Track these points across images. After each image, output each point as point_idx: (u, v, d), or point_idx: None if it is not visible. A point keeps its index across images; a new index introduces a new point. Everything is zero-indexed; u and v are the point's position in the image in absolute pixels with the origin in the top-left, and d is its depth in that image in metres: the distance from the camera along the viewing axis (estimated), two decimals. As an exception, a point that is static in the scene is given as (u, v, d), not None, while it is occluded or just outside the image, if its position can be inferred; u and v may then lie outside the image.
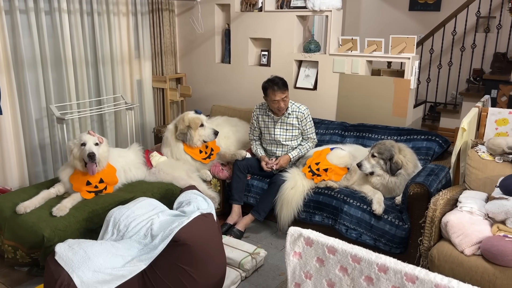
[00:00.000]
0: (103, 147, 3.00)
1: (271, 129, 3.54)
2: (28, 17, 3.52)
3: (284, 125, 3.50)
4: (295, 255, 1.79)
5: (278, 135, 3.52)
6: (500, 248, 2.12)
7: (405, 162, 3.03)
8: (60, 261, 2.16)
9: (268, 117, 3.54)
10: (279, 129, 3.51)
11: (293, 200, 3.21)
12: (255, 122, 3.62)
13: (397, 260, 1.54)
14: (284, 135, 3.52)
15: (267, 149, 3.62)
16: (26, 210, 2.74)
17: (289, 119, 3.48)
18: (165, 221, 2.47)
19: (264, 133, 3.59)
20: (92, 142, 2.93)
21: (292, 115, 3.47)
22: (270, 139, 3.57)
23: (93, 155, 2.87)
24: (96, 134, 3.00)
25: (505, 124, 3.18)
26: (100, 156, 2.96)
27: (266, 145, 3.62)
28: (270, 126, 3.54)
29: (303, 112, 3.48)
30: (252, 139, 3.69)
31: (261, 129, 3.61)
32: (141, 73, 4.61)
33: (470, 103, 4.71)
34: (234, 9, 4.44)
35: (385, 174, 3.05)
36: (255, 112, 3.62)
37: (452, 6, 5.36)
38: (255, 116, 3.61)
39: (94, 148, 2.91)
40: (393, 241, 2.85)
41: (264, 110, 3.56)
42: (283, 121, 3.50)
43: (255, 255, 2.90)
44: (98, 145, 2.95)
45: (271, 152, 3.61)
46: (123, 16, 4.28)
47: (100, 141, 2.98)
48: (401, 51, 3.71)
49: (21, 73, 3.55)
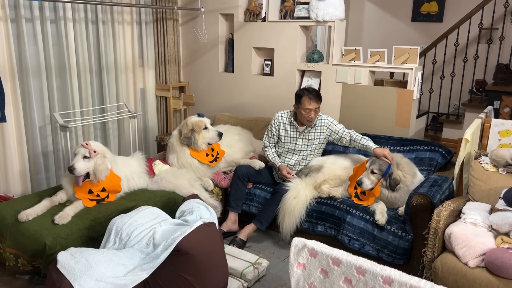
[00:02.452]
0: (97, 160, 2.93)
1: (293, 139, 3.49)
2: (34, 26, 3.55)
3: (307, 135, 3.46)
4: (299, 266, 1.78)
5: (300, 145, 3.48)
6: (505, 261, 2.11)
7: (403, 176, 3.04)
8: (62, 269, 2.16)
9: (291, 126, 3.48)
10: (302, 139, 3.47)
11: (295, 210, 3.19)
12: (275, 129, 3.53)
13: (402, 272, 1.53)
14: (306, 145, 3.48)
15: (281, 156, 3.57)
16: (28, 217, 2.73)
17: (313, 129, 3.44)
18: (167, 230, 2.46)
19: (284, 141, 3.53)
20: (81, 155, 2.88)
21: (317, 124, 3.43)
22: (289, 148, 3.52)
23: (72, 170, 2.84)
24: (91, 145, 2.93)
25: (508, 135, 3.18)
26: (95, 169, 2.92)
27: (282, 152, 3.57)
28: (292, 135, 3.49)
29: (326, 119, 3.44)
30: (268, 146, 3.61)
31: (281, 137, 3.53)
32: (144, 81, 4.63)
33: (472, 114, 4.71)
34: (237, 19, 4.47)
35: (384, 189, 3.06)
36: (276, 119, 3.53)
37: (454, 17, 5.38)
38: (276, 123, 3.52)
39: (80, 162, 2.85)
40: (396, 252, 2.83)
41: (288, 119, 3.50)
42: (307, 131, 3.45)
43: (257, 265, 2.88)
44: (88, 158, 2.89)
45: (283, 160, 3.56)
46: (127, 25, 4.32)
47: (91, 154, 2.90)
48: (404, 62, 3.72)
49: (25, 81, 3.57)
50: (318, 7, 3.89)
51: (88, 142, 2.95)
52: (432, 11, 5.92)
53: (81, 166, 2.86)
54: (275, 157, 3.56)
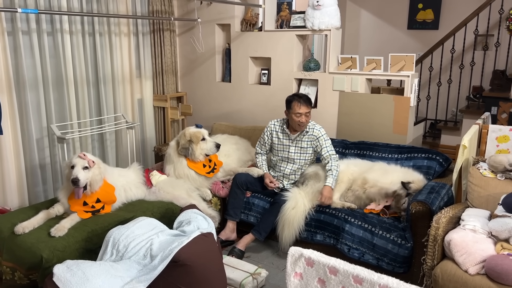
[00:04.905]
0: (94, 170, 2.92)
1: (286, 147, 3.49)
2: (31, 38, 3.56)
3: (300, 143, 3.46)
4: (296, 276, 1.76)
5: (293, 153, 3.48)
6: (505, 267, 2.09)
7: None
8: (58, 282, 2.13)
9: (284, 134, 3.50)
10: (294, 147, 3.47)
11: (294, 220, 3.18)
12: (267, 137, 3.56)
13: (399, 281, 1.51)
14: (299, 153, 3.48)
15: (277, 165, 3.58)
16: (24, 230, 2.71)
17: (305, 137, 3.44)
18: (164, 241, 2.44)
19: (277, 149, 3.54)
20: (80, 166, 2.86)
21: (310, 132, 3.43)
22: (283, 156, 3.53)
23: (77, 181, 2.82)
24: (88, 156, 2.92)
25: (506, 141, 3.17)
26: (92, 180, 2.91)
27: (277, 161, 3.57)
28: (285, 143, 3.50)
29: (319, 130, 3.43)
30: (259, 153, 3.63)
31: (274, 145, 3.55)
32: (142, 92, 4.64)
33: (470, 120, 4.71)
34: (234, 29, 4.49)
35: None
36: (269, 127, 3.55)
37: (450, 25, 5.41)
38: (269, 131, 3.55)
39: (81, 173, 2.84)
40: (396, 260, 2.81)
41: (281, 127, 3.51)
42: (299, 139, 3.45)
43: (256, 276, 2.86)
44: (87, 168, 2.88)
45: (279, 169, 3.56)
46: (124, 36, 4.33)
47: (90, 165, 2.90)
48: (400, 69, 3.73)
49: (22, 93, 3.57)
50: (314, 16, 3.91)
51: (84, 153, 2.95)
52: (427, 19, 5.95)
53: (84, 177, 2.86)
54: (263, 164, 3.59)
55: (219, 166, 3.65)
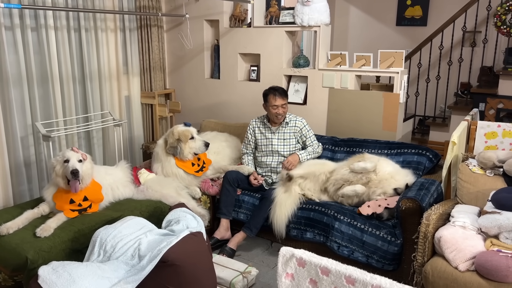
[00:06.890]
0: (86, 164, 2.93)
1: (269, 140, 3.55)
2: (14, 34, 3.47)
3: (282, 135, 3.54)
4: (287, 277, 1.74)
5: (276, 145, 3.53)
6: (494, 263, 2.10)
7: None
8: (43, 284, 2.08)
9: (265, 128, 3.58)
10: (277, 139, 3.54)
11: (287, 202, 3.20)
12: (250, 135, 3.64)
13: (392, 281, 1.50)
14: (282, 145, 3.53)
15: (263, 161, 3.59)
16: (8, 231, 2.65)
17: (287, 129, 3.53)
18: (153, 241, 2.41)
19: (262, 144, 3.59)
20: (75, 158, 2.86)
21: (290, 124, 3.53)
22: (267, 150, 3.57)
23: (77, 172, 2.80)
24: (80, 150, 2.93)
25: (494, 137, 3.19)
26: (84, 173, 2.89)
27: (262, 157, 3.60)
28: (268, 136, 3.57)
29: (301, 121, 3.55)
30: (245, 153, 3.69)
31: (258, 141, 3.60)
32: (129, 89, 4.57)
33: (458, 117, 4.74)
34: (223, 25, 4.44)
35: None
36: (251, 125, 3.65)
37: (438, 21, 5.43)
38: (251, 129, 3.64)
39: (78, 165, 2.84)
40: (385, 257, 2.81)
41: (262, 122, 3.61)
42: (281, 131, 3.53)
43: (247, 274, 2.83)
44: (81, 162, 2.88)
45: (265, 165, 3.58)
46: (111, 32, 4.26)
47: (83, 158, 2.91)
48: (389, 66, 3.73)
49: (6, 90, 3.48)
50: (303, 12, 3.88)
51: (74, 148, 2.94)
52: (416, 15, 5.97)
53: (81, 169, 2.85)
54: (250, 163, 3.65)
55: (208, 164, 3.62)
